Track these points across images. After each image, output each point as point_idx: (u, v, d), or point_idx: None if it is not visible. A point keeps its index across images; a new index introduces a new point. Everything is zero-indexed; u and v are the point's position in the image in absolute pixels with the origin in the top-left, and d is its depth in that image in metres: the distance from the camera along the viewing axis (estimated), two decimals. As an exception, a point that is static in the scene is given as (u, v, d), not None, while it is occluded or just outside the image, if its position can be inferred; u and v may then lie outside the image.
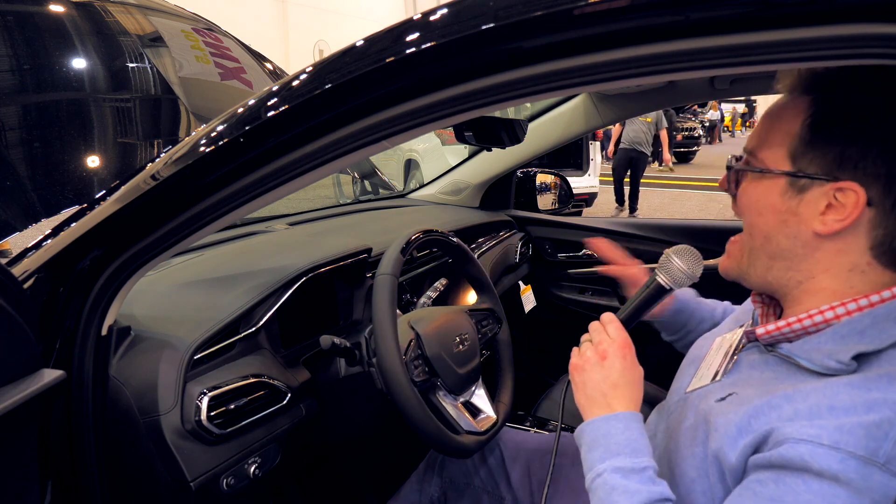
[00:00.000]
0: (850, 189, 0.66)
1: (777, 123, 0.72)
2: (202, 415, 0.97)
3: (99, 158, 1.34)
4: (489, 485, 1.27)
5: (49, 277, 0.83)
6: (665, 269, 0.87)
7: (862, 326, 0.67)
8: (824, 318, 0.69)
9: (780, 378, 0.71)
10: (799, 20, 0.49)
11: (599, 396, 0.79)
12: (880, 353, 0.65)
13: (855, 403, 0.61)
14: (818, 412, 0.62)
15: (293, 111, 0.70)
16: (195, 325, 1.05)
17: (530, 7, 0.56)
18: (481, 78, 0.62)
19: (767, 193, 0.72)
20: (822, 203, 0.68)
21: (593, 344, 0.82)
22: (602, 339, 0.82)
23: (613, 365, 0.80)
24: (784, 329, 0.72)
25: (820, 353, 0.67)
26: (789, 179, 0.70)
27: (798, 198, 0.70)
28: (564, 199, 2.78)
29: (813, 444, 0.60)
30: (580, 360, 0.82)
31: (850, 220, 0.67)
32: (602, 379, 0.79)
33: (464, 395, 1.25)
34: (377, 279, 1.14)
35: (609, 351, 0.80)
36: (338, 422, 1.29)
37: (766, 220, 0.73)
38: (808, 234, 0.70)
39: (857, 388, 0.62)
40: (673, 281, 0.87)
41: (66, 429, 0.87)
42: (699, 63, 0.55)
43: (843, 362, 0.65)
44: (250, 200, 0.78)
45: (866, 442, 0.58)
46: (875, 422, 0.59)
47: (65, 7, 1.51)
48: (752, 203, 0.74)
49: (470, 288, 1.76)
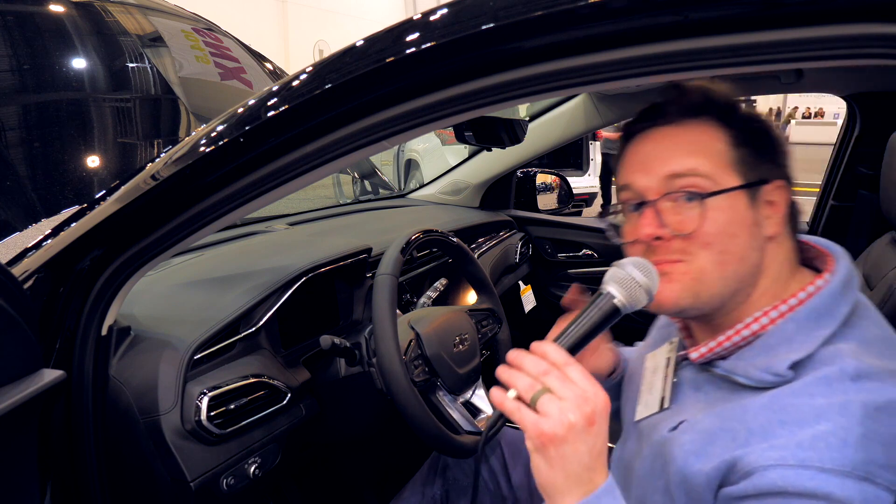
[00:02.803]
0: (778, 186, 0.71)
1: (700, 144, 0.70)
2: (202, 415, 0.97)
3: (99, 158, 1.34)
4: (491, 484, 1.27)
5: (49, 277, 0.83)
6: (622, 285, 0.69)
7: (788, 333, 0.67)
8: (752, 331, 0.70)
9: (724, 397, 0.70)
10: (799, 20, 0.49)
11: (583, 471, 0.61)
12: (812, 355, 0.65)
13: (803, 415, 0.61)
14: (772, 430, 0.62)
15: (293, 111, 0.70)
16: (195, 325, 1.05)
17: (530, 7, 0.55)
18: (481, 78, 0.62)
19: (735, 212, 0.69)
20: (765, 207, 0.71)
21: (564, 401, 0.61)
22: (580, 396, 0.61)
23: (602, 429, 0.62)
24: (716, 349, 0.72)
25: (755, 369, 0.67)
26: (747, 192, 0.70)
27: (755, 208, 0.70)
28: (564, 199, 2.78)
29: (781, 467, 0.59)
30: (557, 426, 0.60)
31: (783, 214, 0.71)
32: (588, 450, 0.61)
33: (464, 395, 1.26)
34: (377, 279, 1.14)
35: (597, 412, 0.61)
36: (338, 422, 1.29)
37: (741, 240, 0.69)
38: (762, 241, 0.71)
39: (801, 397, 0.62)
40: (630, 301, 0.69)
41: (66, 429, 0.87)
42: (699, 63, 0.55)
43: (779, 374, 0.65)
44: (250, 200, 0.78)
45: (829, 453, 0.58)
46: (830, 431, 0.59)
47: (65, 7, 1.51)
48: (725, 226, 0.68)
49: (470, 288, 1.76)
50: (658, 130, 0.73)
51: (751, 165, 0.71)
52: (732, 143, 0.70)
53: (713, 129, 0.71)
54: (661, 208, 0.70)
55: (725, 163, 0.70)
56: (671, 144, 0.71)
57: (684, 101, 0.73)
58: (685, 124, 0.72)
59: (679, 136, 0.71)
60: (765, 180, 0.71)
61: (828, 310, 0.67)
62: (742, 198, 0.70)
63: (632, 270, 0.69)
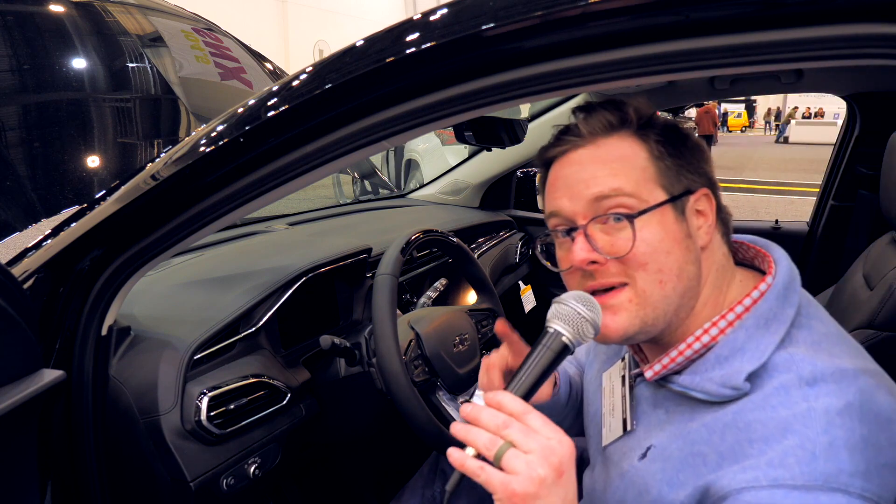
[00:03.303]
0: (702, 195, 0.71)
1: (621, 163, 0.69)
2: (202, 415, 0.97)
3: (99, 158, 1.34)
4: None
5: (49, 277, 0.83)
6: (569, 322, 0.67)
7: (739, 342, 0.66)
8: (702, 343, 0.69)
9: (685, 415, 0.69)
10: (799, 20, 0.49)
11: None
12: (765, 363, 0.64)
13: (769, 430, 0.61)
14: (741, 450, 0.61)
15: (293, 111, 0.70)
16: (195, 325, 1.05)
17: (530, 7, 0.56)
18: (481, 78, 0.62)
19: (665, 228, 0.67)
20: (694, 218, 0.71)
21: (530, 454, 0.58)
22: (545, 448, 0.58)
23: (571, 478, 0.60)
24: (670, 365, 0.71)
25: (712, 383, 0.66)
26: (673, 206, 0.69)
27: (683, 220, 0.69)
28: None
29: (753, 489, 0.59)
30: (529, 484, 0.56)
31: (713, 221, 0.72)
32: (560, 501, 0.58)
33: (464, 395, 1.25)
34: (377, 279, 1.14)
35: (564, 461, 0.58)
36: (338, 422, 1.29)
37: (676, 255, 0.68)
38: (697, 252, 0.71)
39: (763, 410, 0.62)
40: (578, 336, 0.67)
41: (66, 429, 0.87)
42: (699, 63, 0.55)
43: (736, 387, 0.64)
44: (250, 200, 0.78)
45: (799, 468, 0.58)
46: (797, 444, 0.59)
47: (65, 7, 1.51)
48: (657, 244, 0.67)
49: (470, 288, 1.76)
50: (577, 152, 0.71)
51: (673, 177, 0.69)
52: (652, 157, 0.69)
53: (632, 145, 0.70)
54: (591, 232, 0.69)
55: (648, 178, 0.68)
56: (592, 166, 0.69)
57: (598, 118, 0.71)
58: (602, 142, 0.70)
59: (599, 155, 0.70)
60: (690, 190, 0.70)
61: (774, 314, 0.67)
62: (669, 212, 0.68)
63: (575, 305, 0.67)
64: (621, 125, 0.71)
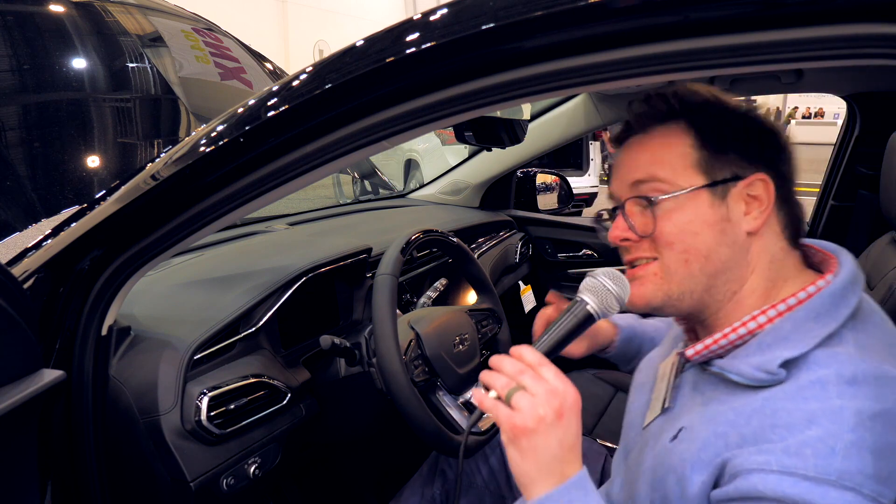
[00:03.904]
0: (757, 180, 0.71)
1: (663, 150, 0.74)
2: (202, 415, 0.97)
3: (99, 158, 1.34)
4: (491, 484, 1.27)
5: (49, 277, 0.83)
6: (596, 294, 0.77)
7: (785, 332, 0.67)
8: (748, 329, 0.70)
9: (720, 399, 0.70)
10: (799, 20, 0.49)
11: (555, 464, 0.66)
12: (807, 356, 0.64)
13: (794, 419, 0.60)
14: (763, 435, 0.62)
15: (293, 111, 0.70)
16: (195, 325, 1.05)
17: (530, 7, 0.56)
18: (481, 78, 0.62)
19: (697, 211, 0.71)
20: (741, 204, 0.72)
21: (535, 396, 0.66)
22: (550, 391, 0.66)
23: (571, 423, 0.67)
24: (712, 346, 0.72)
25: (748, 366, 0.67)
26: (710, 190, 0.71)
27: (725, 204, 0.72)
28: (564, 199, 2.78)
29: (763, 472, 0.59)
30: (527, 418, 0.65)
31: (769, 209, 0.71)
32: (559, 442, 0.65)
33: (464, 395, 1.25)
34: (377, 279, 1.14)
35: (565, 407, 0.66)
36: (338, 422, 1.29)
37: (705, 237, 0.71)
38: (742, 237, 0.72)
39: (794, 400, 0.62)
40: (602, 308, 0.76)
41: (66, 429, 0.87)
42: (699, 63, 0.55)
43: (771, 372, 0.64)
44: (250, 200, 0.78)
45: (814, 461, 0.58)
46: (819, 437, 0.58)
47: (65, 7, 1.51)
48: (684, 226, 0.71)
49: (470, 288, 1.76)
50: (631, 140, 0.78)
51: (717, 164, 0.71)
52: (697, 145, 0.72)
53: (677, 132, 0.73)
54: (630, 213, 0.75)
55: (687, 164, 0.72)
56: (637, 153, 0.76)
57: (651, 108, 0.75)
58: (653, 131, 0.75)
59: (646, 144, 0.75)
60: (738, 176, 0.71)
61: (827, 310, 0.67)
62: (705, 196, 0.71)
63: (604, 280, 0.76)
64: (672, 114, 0.74)
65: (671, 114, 0.74)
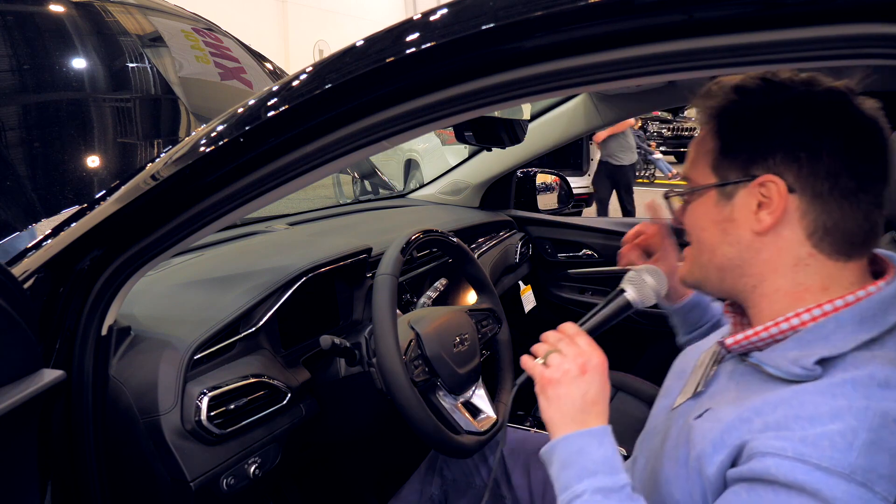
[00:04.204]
0: (769, 181, 0.70)
1: (699, 148, 0.78)
2: (202, 415, 0.97)
3: (99, 158, 1.34)
4: (490, 484, 1.27)
5: (49, 277, 0.83)
6: (635, 285, 0.90)
7: (826, 332, 0.67)
8: (791, 326, 0.70)
9: (751, 389, 0.71)
10: (799, 20, 0.49)
11: (577, 413, 0.76)
12: (845, 356, 0.64)
13: (820, 412, 0.61)
14: (785, 423, 0.62)
15: (293, 111, 0.70)
16: (195, 325, 1.05)
17: (530, 7, 0.56)
18: (481, 78, 0.62)
19: (704, 208, 0.77)
20: (752, 203, 0.72)
21: (565, 356, 0.78)
22: (578, 353, 0.79)
23: (594, 380, 0.77)
24: (752, 338, 0.73)
25: (785, 360, 0.67)
26: (717, 190, 0.75)
27: (730, 204, 0.74)
28: (564, 199, 2.78)
29: (779, 456, 0.60)
30: (555, 372, 0.78)
31: (780, 210, 0.70)
32: (581, 395, 0.76)
33: (464, 395, 1.25)
34: (377, 279, 1.14)
35: (589, 365, 0.78)
36: (338, 422, 1.29)
37: (710, 234, 0.77)
38: (748, 237, 0.73)
39: (823, 395, 0.62)
40: (641, 298, 0.90)
41: (66, 429, 0.87)
42: (699, 63, 0.55)
43: (806, 367, 0.65)
44: (250, 200, 0.78)
45: (830, 453, 0.58)
46: (839, 431, 0.59)
47: (65, 7, 1.51)
48: (695, 221, 0.79)
49: (470, 288, 1.76)
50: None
51: (729, 164, 0.74)
52: (718, 145, 0.75)
53: (709, 132, 0.76)
54: (671, 202, 0.85)
55: (707, 163, 0.76)
56: (691, 147, 0.81)
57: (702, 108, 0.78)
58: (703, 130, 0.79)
59: (697, 138, 0.80)
60: (743, 178, 0.72)
61: (873, 315, 0.66)
62: (712, 195, 0.75)
63: (643, 274, 0.91)
64: (710, 116, 0.77)
65: (710, 116, 0.77)
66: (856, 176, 0.68)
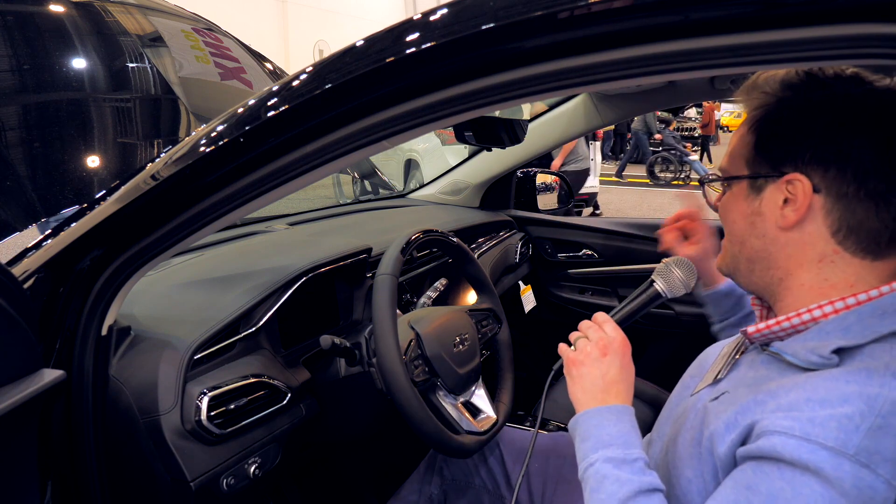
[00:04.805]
0: (796, 180, 0.71)
1: (738, 139, 0.80)
2: (202, 415, 0.97)
3: (99, 158, 1.34)
4: (490, 484, 1.27)
5: (49, 277, 0.83)
6: (664, 277, 0.96)
7: (847, 323, 0.68)
8: (812, 317, 0.71)
9: (770, 376, 0.72)
10: (799, 20, 0.49)
11: (597, 391, 0.82)
12: (862, 347, 0.65)
13: (830, 396, 0.62)
14: (797, 404, 0.64)
15: (293, 111, 0.70)
16: (195, 325, 1.05)
17: (530, 7, 0.56)
18: (481, 78, 0.62)
19: (735, 200, 0.79)
20: (779, 199, 0.73)
21: (591, 341, 0.85)
22: (601, 337, 0.85)
23: (613, 362, 0.84)
24: (774, 328, 0.74)
25: (804, 349, 0.69)
26: (748, 182, 0.77)
27: (759, 198, 0.76)
28: (564, 199, 2.78)
29: (785, 435, 0.62)
30: (579, 354, 0.85)
31: (803, 208, 0.71)
32: (601, 375, 0.83)
33: (464, 395, 1.25)
34: (377, 279, 1.14)
35: (610, 348, 0.84)
36: (338, 422, 1.29)
37: (739, 226, 0.79)
38: (774, 231, 0.75)
39: (836, 381, 0.64)
40: (669, 289, 0.96)
41: (66, 429, 0.87)
42: (699, 63, 0.55)
43: (823, 356, 0.66)
44: (250, 200, 0.78)
45: (837, 434, 0.59)
46: (847, 414, 0.60)
47: (65, 7, 1.51)
48: (727, 213, 0.81)
49: (470, 288, 1.76)
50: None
51: (761, 159, 0.75)
52: (755, 142, 0.77)
53: (749, 129, 0.78)
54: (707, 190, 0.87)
55: (743, 156, 0.78)
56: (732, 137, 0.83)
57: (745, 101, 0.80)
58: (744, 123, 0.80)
59: (734, 135, 0.82)
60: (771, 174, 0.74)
61: (894, 309, 0.67)
62: (743, 188, 0.78)
63: (673, 267, 0.97)
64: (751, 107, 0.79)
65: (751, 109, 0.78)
66: (886, 179, 0.68)
